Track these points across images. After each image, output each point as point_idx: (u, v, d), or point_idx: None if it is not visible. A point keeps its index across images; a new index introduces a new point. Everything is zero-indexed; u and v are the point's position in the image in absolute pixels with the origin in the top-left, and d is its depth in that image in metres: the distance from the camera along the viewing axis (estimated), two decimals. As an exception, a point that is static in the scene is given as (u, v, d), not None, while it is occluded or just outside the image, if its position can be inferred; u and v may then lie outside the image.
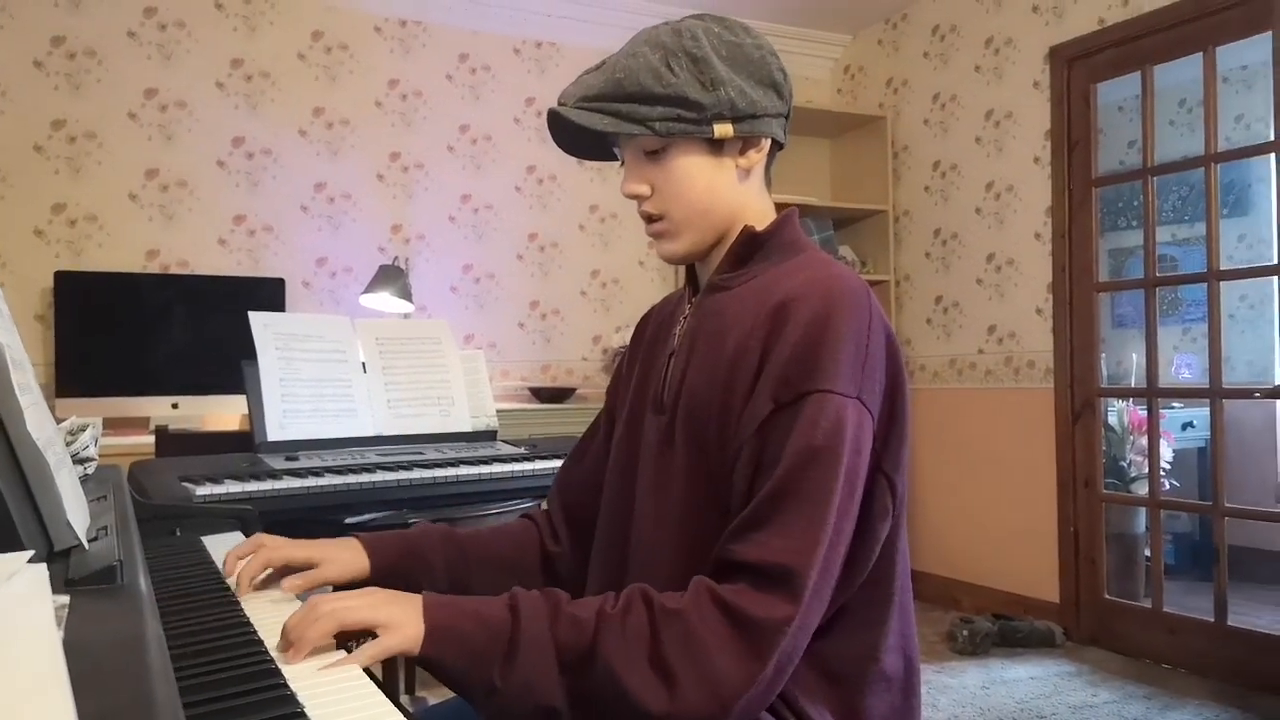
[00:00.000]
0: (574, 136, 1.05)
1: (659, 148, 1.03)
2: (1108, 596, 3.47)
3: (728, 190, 1.06)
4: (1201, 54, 3.11)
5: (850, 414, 0.91)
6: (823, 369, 0.91)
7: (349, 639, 0.86)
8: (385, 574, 1.12)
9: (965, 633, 3.38)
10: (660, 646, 0.85)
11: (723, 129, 1.01)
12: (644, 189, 1.06)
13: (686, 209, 1.05)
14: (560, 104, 1.03)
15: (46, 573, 0.53)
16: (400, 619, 0.86)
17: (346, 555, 1.12)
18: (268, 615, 0.93)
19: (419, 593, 0.90)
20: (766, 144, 1.06)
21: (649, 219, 1.08)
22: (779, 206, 1.10)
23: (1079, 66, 3.53)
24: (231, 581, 1.05)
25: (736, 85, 1.01)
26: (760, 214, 1.09)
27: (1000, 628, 3.44)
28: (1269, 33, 2.92)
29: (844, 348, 0.92)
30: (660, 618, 0.87)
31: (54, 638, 0.39)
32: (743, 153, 1.05)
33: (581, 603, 0.90)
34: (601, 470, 1.20)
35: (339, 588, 1.15)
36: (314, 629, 0.82)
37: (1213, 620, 3.12)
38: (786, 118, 1.08)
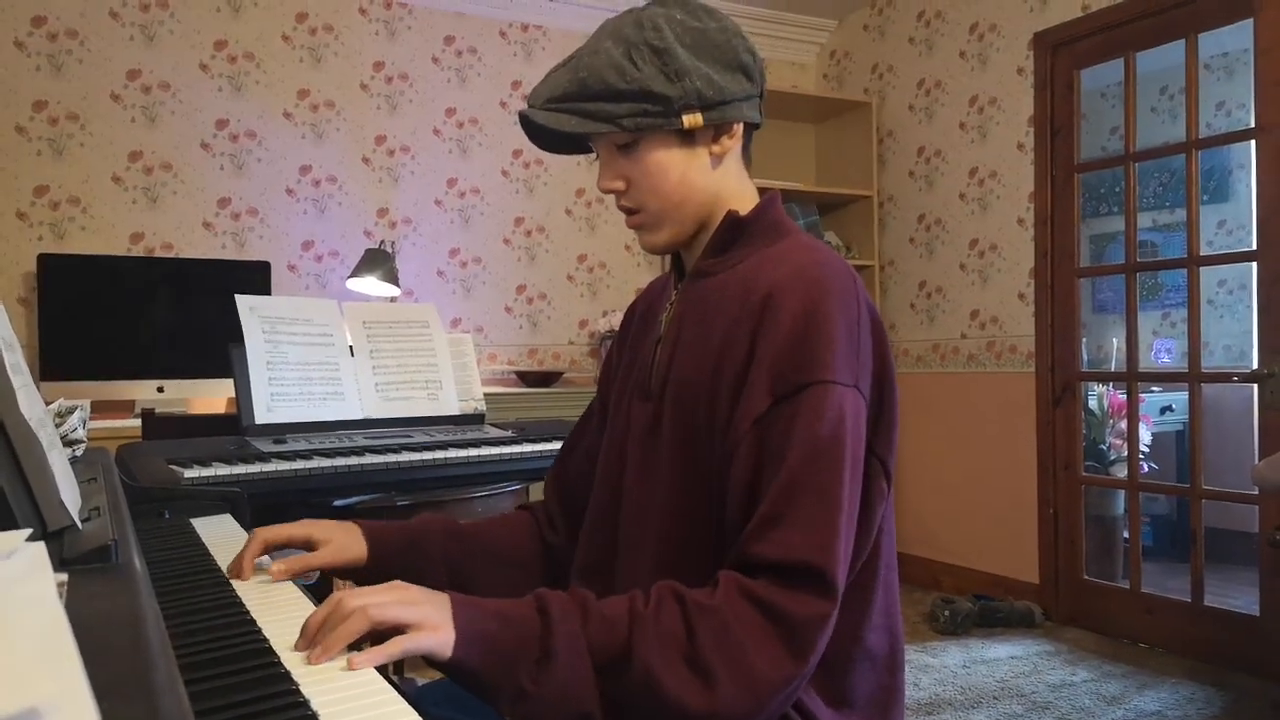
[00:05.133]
0: (548, 135, 1.05)
1: (630, 142, 1.02)
2: (1086, 577, 3.51)
3: (702, 178, 1.05)
4: (1184, 41, 3.13)
5: (850, 403, 0.92)
6: (820, 360, 0.91)
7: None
8: (383, 564, 1.10)
9: (946, 613, 3.43)
10: (697, 644, 0.83)
11: (692, 119, 1.00)
12: (619, 184, 1.05)
13: (662, 201, 1.04)
14: (530, 105, 1.02)
15: (45, 550, 0.54)
16: (434, 619, 0.81)
17: (344, 539, 1.10)
18: (258, 595, 0.94)
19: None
20: (739, 129, 1.05)
21: (627, 212, 1.07)
22: (763, 192, 1.10)
23: (1063, 53, 3.54)
24: (223, 564, 1.04)
25: (702, 73, 0.99)
26: (740, 196, 1.08)
27: (981, 608, 3.49)
28: (1250, 20, 2.94)
29: (837, 337, 0.92)
30: (695, 614, 0.85)
31: (59, 611, 0.40)
32: (715, 139, 1.04)
33: (610, 602, 0.88)
34: (596, 460, 1.19)
35: (332, 573, 1.14)
36: (344, 629, 0.76)
37: (1189, 600, 3.17)
38: (760, 97, 1.07)
